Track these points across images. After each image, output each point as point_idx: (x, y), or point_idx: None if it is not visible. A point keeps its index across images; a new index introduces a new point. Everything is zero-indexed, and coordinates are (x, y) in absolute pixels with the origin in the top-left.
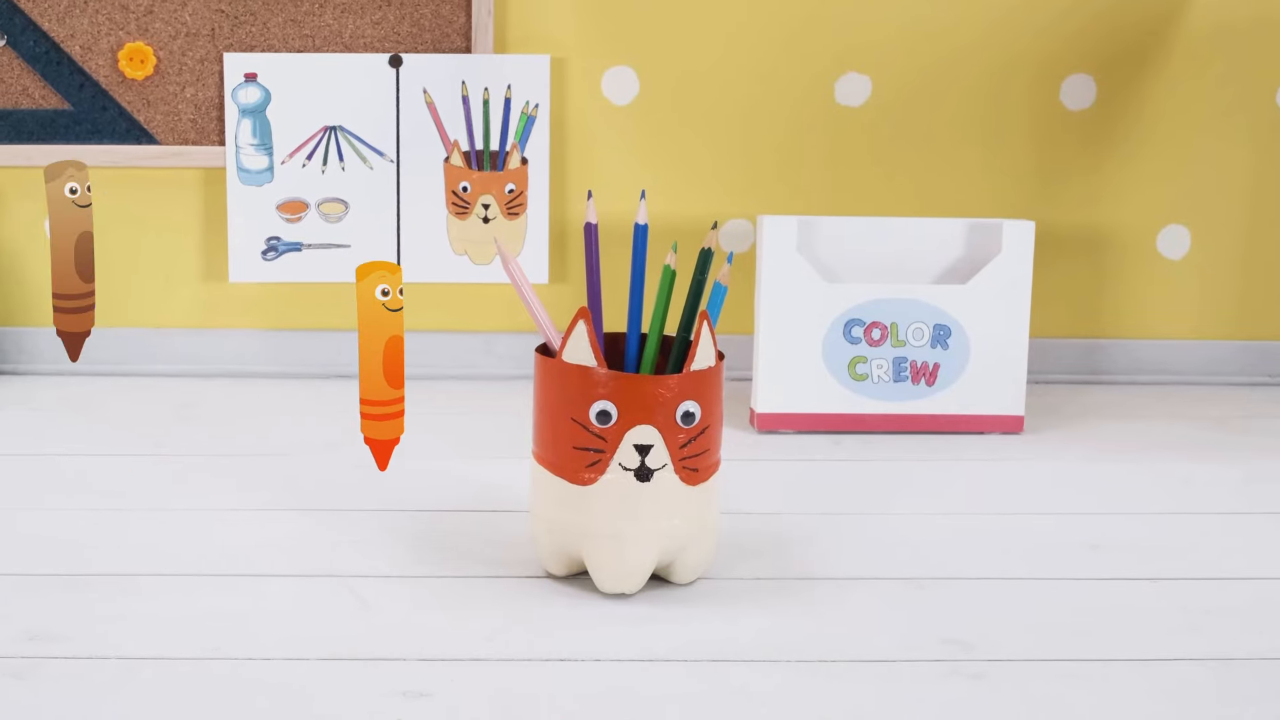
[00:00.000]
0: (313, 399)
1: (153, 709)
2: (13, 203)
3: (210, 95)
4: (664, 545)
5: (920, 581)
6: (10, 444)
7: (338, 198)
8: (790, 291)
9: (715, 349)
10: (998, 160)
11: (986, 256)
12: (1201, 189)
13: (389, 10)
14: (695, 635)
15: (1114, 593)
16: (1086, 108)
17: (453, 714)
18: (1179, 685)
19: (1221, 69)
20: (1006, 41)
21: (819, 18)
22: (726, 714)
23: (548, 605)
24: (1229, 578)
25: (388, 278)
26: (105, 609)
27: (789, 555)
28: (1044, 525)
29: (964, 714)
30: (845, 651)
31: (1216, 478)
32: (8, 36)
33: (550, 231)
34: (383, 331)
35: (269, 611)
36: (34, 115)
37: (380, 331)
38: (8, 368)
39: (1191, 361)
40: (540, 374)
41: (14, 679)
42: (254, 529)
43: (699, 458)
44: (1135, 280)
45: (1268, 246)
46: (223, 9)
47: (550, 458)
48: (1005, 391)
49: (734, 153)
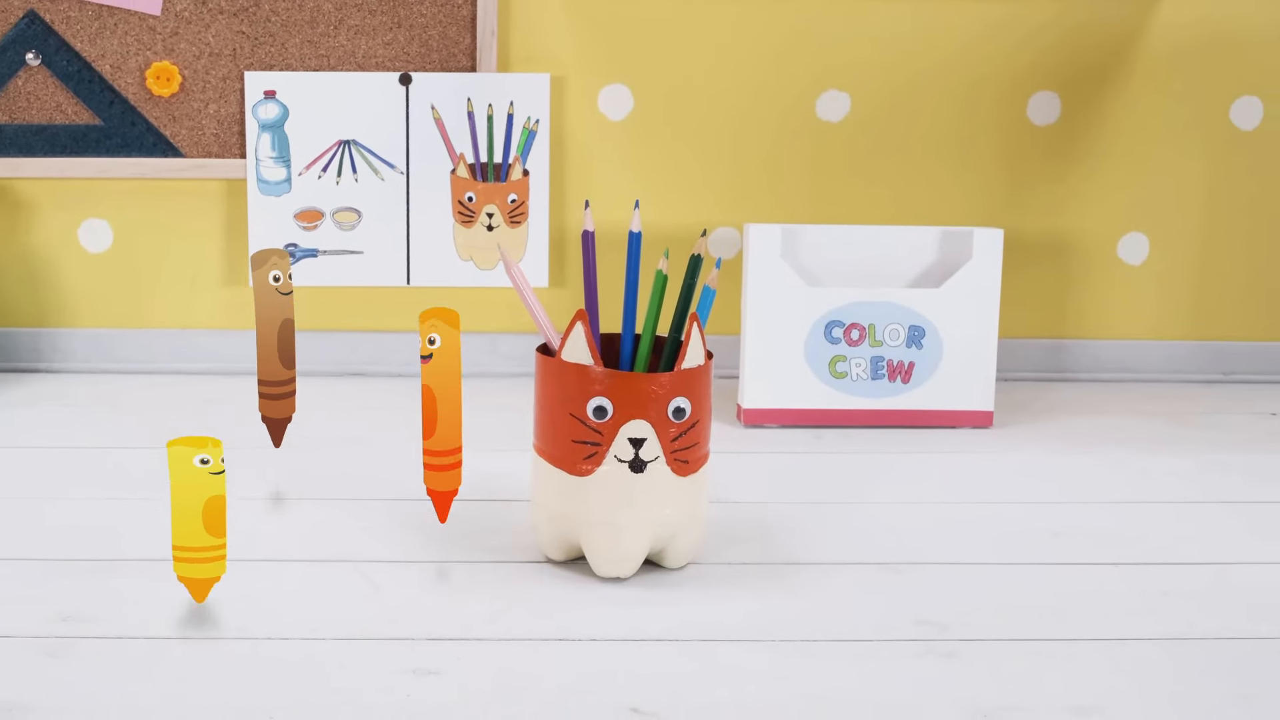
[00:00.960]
0: (327, 395)
1: (178, 686)
2: (47, 213)
3: (232, 111)
4: (656, 532)
5: (896, 566)
6: (45, 437)
7: (351, 207)
8: (775, 295)
9: (704, 348)
10: (968, 172)
11: (958, 262)
12: (1159, 199)
13: (399, 32)
14: (686, 617)
15: (1077, 576)
16: (1052, 123)
17: (459, 690)
18: (1138, 663)
19: (1178, 87)
20: (977, 61)
21: (801, 39)
22: (715, 691)
23: (548, 589)
24: (1184, 562)
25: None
26: (133, 592)
27: (774, 542)
28: (1012, 513)
29: (937, 690)
30: (826, 632)
31: (1172, 469)
32: (43, 56)
33: (550, 238)
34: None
35: (287, 594)
36: (67, 130)
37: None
38: (42, 366)
39: (1150, 360)
40: (541, 372)
41: (49, 657)
42: (273, 517)
43: (689, 450)
44: (1097, 284)
45: (1221, 253)
46: (243, 30)
47: (550, 450)
48: (976, 388)
49: (722, 165)
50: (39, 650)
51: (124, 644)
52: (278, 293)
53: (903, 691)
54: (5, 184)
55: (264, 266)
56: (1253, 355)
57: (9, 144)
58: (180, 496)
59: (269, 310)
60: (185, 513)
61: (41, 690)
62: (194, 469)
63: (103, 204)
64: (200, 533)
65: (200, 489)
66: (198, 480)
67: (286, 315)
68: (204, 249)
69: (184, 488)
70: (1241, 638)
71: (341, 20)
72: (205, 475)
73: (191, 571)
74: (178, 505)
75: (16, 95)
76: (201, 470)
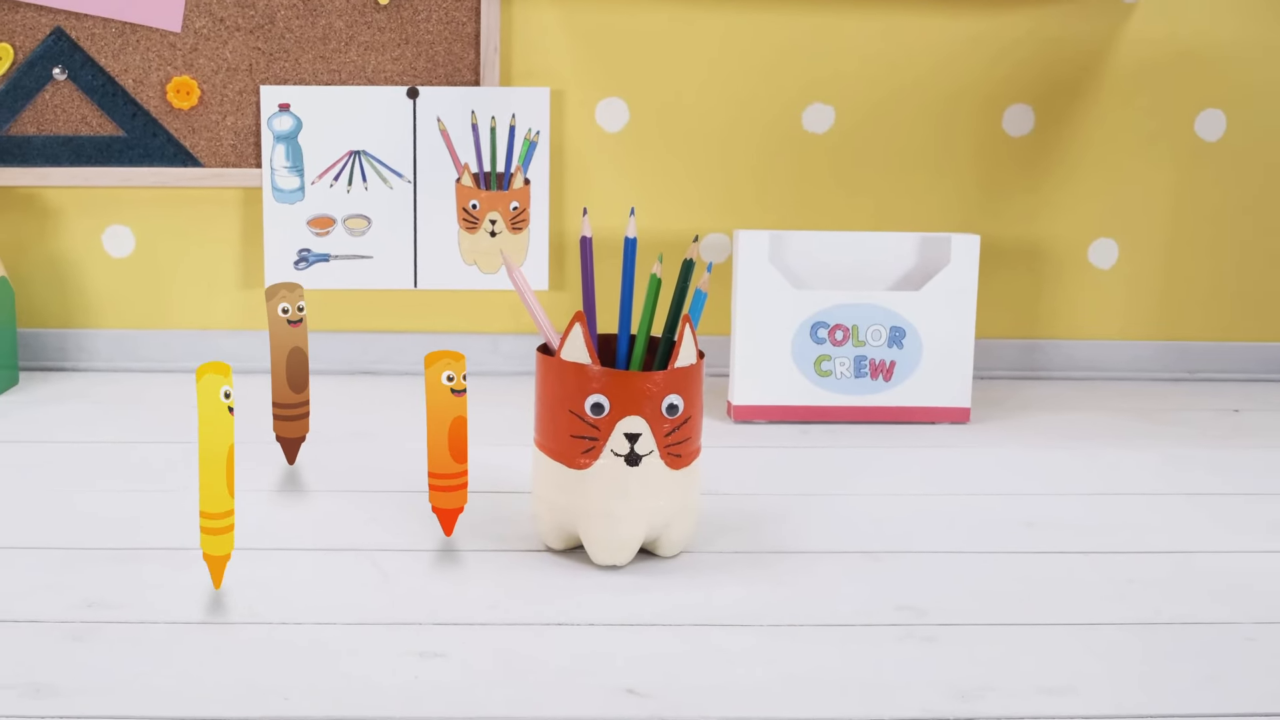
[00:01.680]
0: (339, 392)
1: (197, 668)
2: (73, 219)
3: (248, 123)
4: (651, 522)
5: (878, 554)
6: (70, 432)
7: (361, 214)
8: (763, 297)
9: (696, 348)
10: (947, 180)
11: (937, 266)
12: (1128, 206)
13: (407, 48)
14: (679, 602)
15: (1049, 564)
16: (1026, 134)
17: (464, 671)
18: (1107, 646)
19: (1145, 101)
20: (954, 76)
21: (788, 55)
22: (706, 672)
23: (548, 576)
24: (1151, 551)
25: (454, 365)
26: (155, 579)
27: (762, 531)
28: (988, 505)
29: (917, 672)
30: (812, 616)
31: (1140, 462)
32: (69, 71)
33: (550, 244)
34: (447, 415)
35: (300, 581)
36: (92, 141)
37: (445, 415)
38: (68, 365)
39: (1119, 360)
40: (541, 371)
41: (74, 641)
42: (287, 508)
43: (682, 445)
44: (1069, 287)
45: (1187, 257)
46: (259, 46)
47: (550, 445)
48: (953, 386)
49: (713, 174)
50: (65, 634)
51: (145, 628)
52: (286, 323)
53: (884, 673)
54: (33, 192)
55: (274, 299)
56: (1216, 355)
57: (37, 154)
58: (434, 416)
59: (280, 339)
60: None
61: (68, 672)
62: (442, 388)
63: (125, 211)
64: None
65: (447, 410)
66: (444, 401)
67: (296, 344)
68: (221, 254)
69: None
70: (1206, 622)
71: (352, 37)
72: (449, 396)
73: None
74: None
75: (44, 108)
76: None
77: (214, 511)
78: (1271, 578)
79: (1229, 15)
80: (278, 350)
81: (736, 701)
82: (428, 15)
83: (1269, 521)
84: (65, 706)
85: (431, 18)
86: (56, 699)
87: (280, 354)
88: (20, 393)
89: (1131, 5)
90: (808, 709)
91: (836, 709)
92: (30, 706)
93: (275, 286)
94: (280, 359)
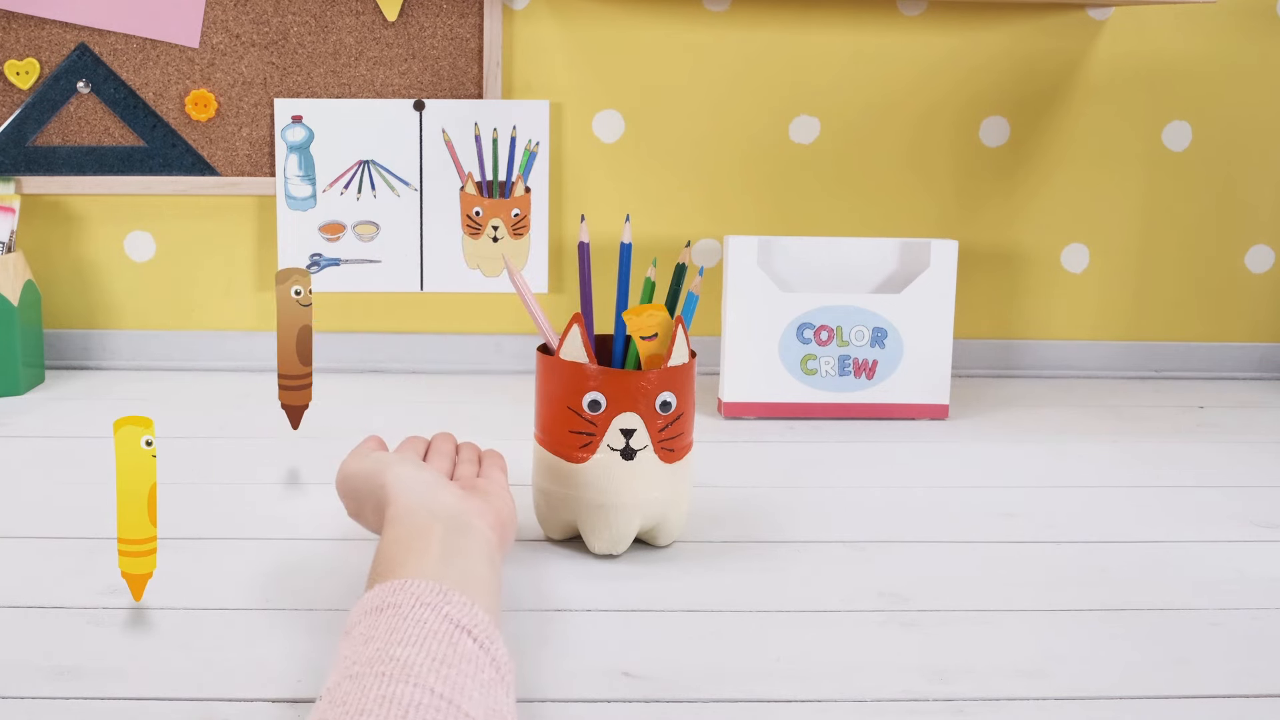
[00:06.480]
0: (349, 390)
1: (215, 652)
2: (96, 226)
3: (263, 134)
4: (646, 514)
5: (862, 544)
6: (94, 428)
7: (370, 220)
8: (752, 299)
9: (689, 348)
10: (926, 189)
11: (917, 270)
12: (1099, 213)
13: (413, 63)
14: (673, 590)
15: (1025, 553)
16: (1001, 145)
17: None
18: (1080, 631)
19: (1115, 113)
20: (933, 89)
21: (775, 70)
22: (697, 655)
23: (548, 565)
24: (1122, 540)
25: (303, 281)
26: (175, 567)
27: (751, 522)
28: (965, 497)
29: (898, 655)
30: (799, 602)
31: (1110, 456)
32: (92, 85)
33: (549, 249)
34: (295, 324)
35: (316, 570)
36: (114, 151)
37: (293, 324)
38: (92, 364)
39: (1090, 359)
40: (541, 369)
41: (95, 626)
42: (303, 499)
43: (675, 440)
44: (1043, 290)
45: (1155, 262)
46: (273, 61)
47: (549, 440)
48: (933, 384)
49: (704, 183)
50: (87, 620)
51: (164, 614)
52: (298, 304)
53: (868, 656)
54: (59, 200)
55: (286, 282)
56: (1183, 354)
57: (62, 164)
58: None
59: (289, 318)
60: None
61: (90, 656)
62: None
63: (146, 218)
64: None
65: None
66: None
67: (305, 322)
68: (237, 258)
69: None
70: (1175, 609)
71: (361, 52)
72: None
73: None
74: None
75: (69, 120)
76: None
77: (133, 538)
78: (1235, 566)
79: (1195, 33)
80: (287, 328)
81: (727, 683)
82: (433, 31)
83: (1231, 512)
84: (87, 688)
85: (437, 34)
86: (79, 681)
87: (289, 331)
88: (46, 390)
89: (1102, 22)
90: (795, 690)
91: (822, 690)
92: (55, 687)
93: (286, 270)
94: (289, 335)
